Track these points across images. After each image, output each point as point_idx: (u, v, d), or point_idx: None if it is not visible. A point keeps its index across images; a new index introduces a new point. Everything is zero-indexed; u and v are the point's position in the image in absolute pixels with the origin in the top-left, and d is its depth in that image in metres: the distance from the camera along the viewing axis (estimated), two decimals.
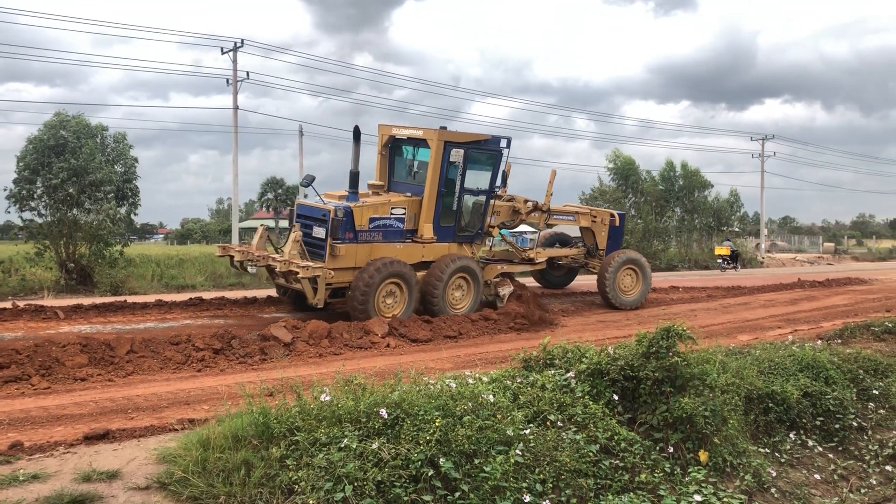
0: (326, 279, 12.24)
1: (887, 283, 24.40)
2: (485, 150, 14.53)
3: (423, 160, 14.35)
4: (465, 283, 14.03)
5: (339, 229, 12.75)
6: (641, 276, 16.87)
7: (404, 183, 14.69)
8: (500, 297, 14.78)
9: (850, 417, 8.94)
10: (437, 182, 13.80)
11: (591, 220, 17.45)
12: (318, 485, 4.98)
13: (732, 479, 7.11)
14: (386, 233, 13.55)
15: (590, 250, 17.70)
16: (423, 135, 13.99)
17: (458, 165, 14.05)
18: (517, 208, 16.01)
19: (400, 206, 13.73)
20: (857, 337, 12.44)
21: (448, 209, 14.21)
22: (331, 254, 12.66)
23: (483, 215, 14.87)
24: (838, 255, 53.08)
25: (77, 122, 23.03)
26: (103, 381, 8.85)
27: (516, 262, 16.44)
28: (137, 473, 5.26)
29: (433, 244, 14.02)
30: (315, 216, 13.16)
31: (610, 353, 7.57)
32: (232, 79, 29.45)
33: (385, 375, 7.62)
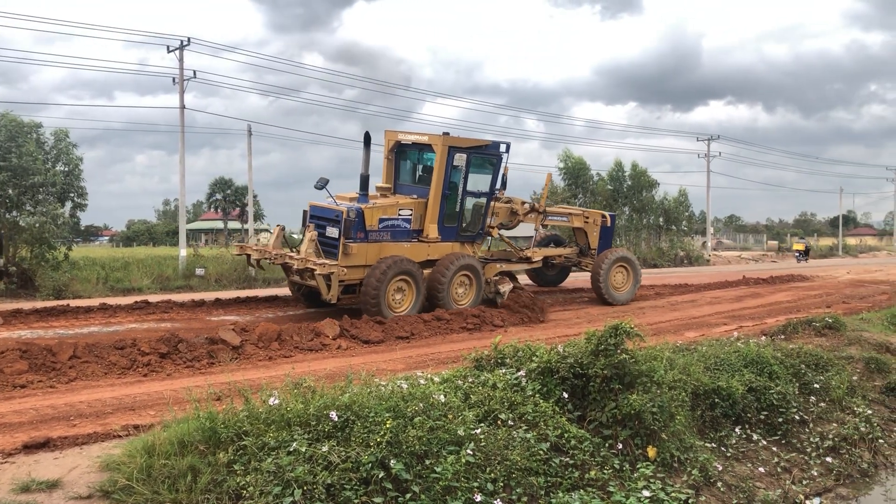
0: (339, 276, 12.93)
1: (828, 280, 25.10)
2: (485, 155, 15.38)
3: (427, 164, 15.24)
4: (467, 281, 14.74)
5: (352, 229, 13.47)
6: (632, 273, 17.75)
7: (409, 185, 15.51)
8: (500, 294, 15.33)
9: (792, 411, 9.17)
10: (441, 185, 14.57)
11: (583, 221, 18.29)
12: (267, 489, 4.92)
13: (680, 474, 7.24)
14: (394, 233, 14.28)
15: (582, 249, 18.52)
16: (429, 140, 14.81)
17: (461, 169, 14.86)
18: (515, 209, 16.71)
19: (407, 208, 14.49)
20: (799, 332, 12.77)
21: (451, 210, 14.98)
22: (344, 252, 13.32)
23: (483, 216, 15.65)
24: (782, 253, 54.41)
25: (8, 121, 22.27)
26: (44, 387, 8.59)
27: (514, 261, 17.13)
28: (79, 482, 5.12)
29: (438, 243, 14.78)
30: (328, 217, 13.83)
31: (560, 351, 7.64)
32: (178, 78, 28.90)
33: (336, 378, 7.56)
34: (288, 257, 13.46)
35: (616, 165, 41.73)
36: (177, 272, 25.81)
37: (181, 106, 28.75)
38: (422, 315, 13.33)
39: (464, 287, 14.71)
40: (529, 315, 14.62)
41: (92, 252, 36.41)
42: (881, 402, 10.65)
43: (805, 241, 51.50)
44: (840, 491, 8.45)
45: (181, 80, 28.74)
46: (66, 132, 23.37)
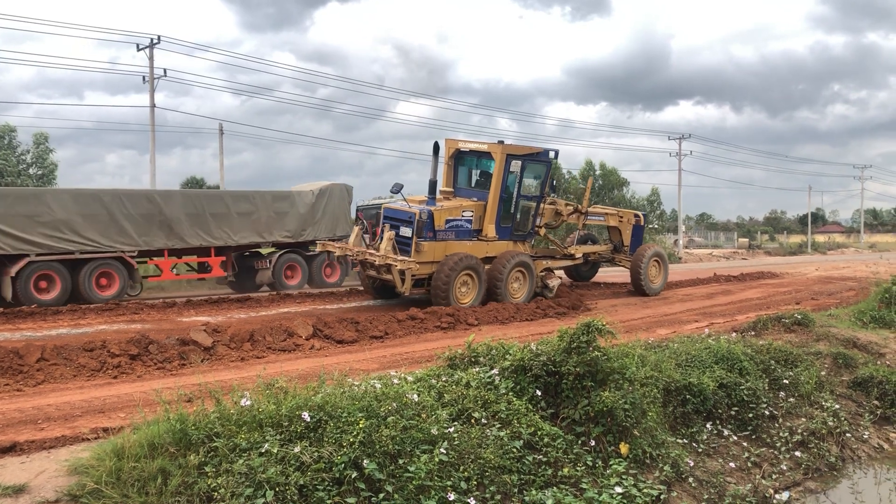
0: (413, 272, 14.35)
1: (797, 277, 25.46)
2: (537, 161, 16.70)
3: (484, 169, 16.60)
4: (521, 276, 16.05)
5: (423, 229, 14.89)
6: (663, 266, 19.44)
7: (467, 189, 16.83)
8: (548, 289, 16.69)
9: (762, 406, 9.28)
10: (499, 189, 15.93)
11: (618, 220, 19.87)
12: (239, 491, 4.89)
13: (652, 469, 7.30)
14: (458, 232, 15.70)
15: (616, 246, 20.06)
16: (488, 148, 16.20)
17: (516, 174, 16.22)
18: (559, 210, 18.15)
19: (469, 210, 15.92)
20: (769, 329, 12.93)
21: (507, 212, 16.34)
22: (416, 250, 14.76)
23: (534, 217, 17.11)
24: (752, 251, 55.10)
25: None
26: (11, 391, 8.45)
27: (558, 257, 18.39)
28: (47, 486, 5.04)
29: (495, 242, 16.16)
30: (402, 218, 15.28)
31: (533, 349, 7.67)
32: (148, 76, 28.61)
33: (308, 378, 7.53)
34: (368, 254, 14.87)
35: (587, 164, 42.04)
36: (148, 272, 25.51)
37: (151, 105, 28.48)
38: (395, 314, 13.35)
39: (518, 282, 15.97)
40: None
41: None
42: (848, 397, 10.83)
43: None
44: (809, 485, 8.58)
45: (151, 79, 28.49)
46: (45, 136, 23.15)
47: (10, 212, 16.06)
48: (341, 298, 16.52)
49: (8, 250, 15.93)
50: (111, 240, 17.37)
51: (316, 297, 16.49)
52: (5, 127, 22.81)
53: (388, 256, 14.41)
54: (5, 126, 22.84)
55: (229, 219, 19.35)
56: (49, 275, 16.38)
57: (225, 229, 19.24)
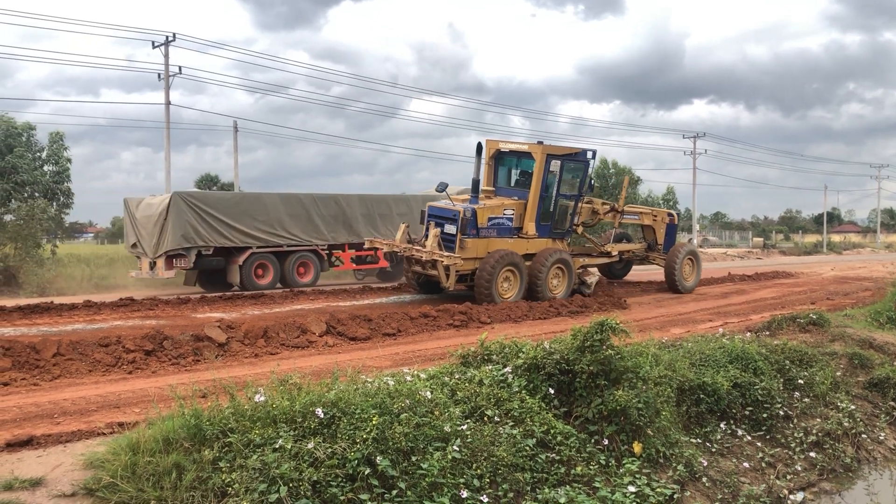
0: (457, 267, 14.98)
1: (812, 277, 25.29)
2: (576, 161, 17.12)
3: (524, 169, 17.16)
4: (560, 273, 16.58)
5: (467, 226, 15.46)
6: (696, 264, 19.98)
7: (507, 188, 17.37)
8: (587, 285, 17.29)
9: (777, 407, 9.22)
10: (539, 188, 16.41)
11: (652, 219, 20.34)
12: (253, 486, 4.91)
13: (665, 469, 7.27)
14: (500, 230, 16.21)
15: (650, 245, 20.47)
16: (528, 149, 16.79)
17: (556, 174, 16.63)
18: (596, 209, 18.64)
19: (510, 208, 16.44)
20: (783, 328, 12.84)
21: (546, 210, 16.81)
22: (460, 246, 15.29)
23: (572, 216, 17.56)
24: (767, 250, 54.75)
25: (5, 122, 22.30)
26: (28, 385, 8.53)
27: (595, 255, 18.76)
28: (63, 480, 5.09)
29: (535, 239, 16.66)
30: (447, 216, 15.80)
31: (546, 347, 7.65)
32: (164, 73, 28.74)
33: (322, 374, 7.54)
34: (415, 251, 15.42)
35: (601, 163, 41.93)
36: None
37: (167, 102, 28.61)
38: (408, 312, 13.37)
39: (557, 278, 16.52)
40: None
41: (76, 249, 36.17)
42: (864, 398, 10.74)
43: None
44: (823, 485, 8.52)
45: (167, 76, 28.61)
46: (61, 135, 23.40)
47: (238, 211, 19.95)
48: (354, 296, 16.56)
49: (237, 243, 19.77)
50: (309, 235, 21.10)
51: (329, 295, 16.55)
52: (24, 125, 23.12)
53: (434, 252, 14.99)
54: (25, 124, 23.15)
55: (391, 218, 22.53)
56: (265, 264, 20.20)
57: (388, 227, 22.22)
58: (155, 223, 19.59)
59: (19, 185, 22.00)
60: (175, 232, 18.98)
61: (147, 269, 20.12)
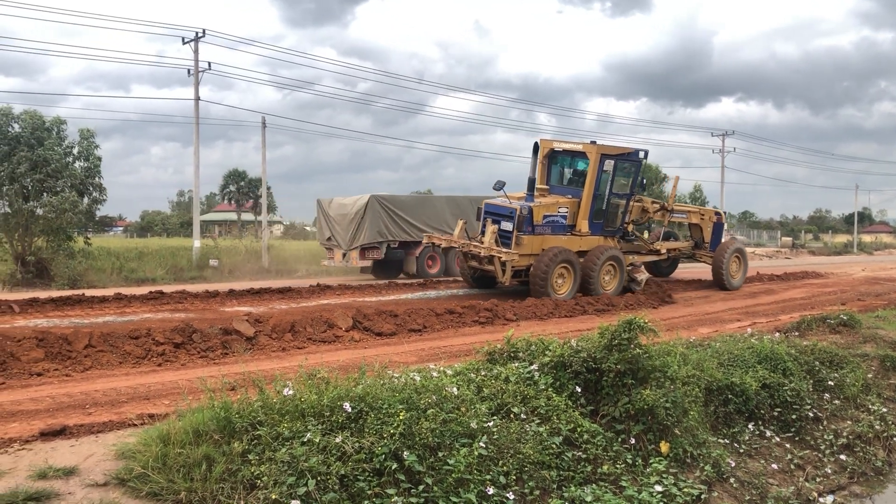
0: (513, 263, 15.50)
1: (842, 277, 24.92)
2: (628, 161, 17.55)
3: (577, 168, 17.66)
4: (612, 269, 16.96)
5: (523, 224, 15.90)
6: (743, 262, 20.28)
7: (560, 187, 17.80)
8: (636, 282, 17.63)
9: (806, 408, 9.12)
10: (593, 186, 16.87)
11: (699, 218, 20.63)
12: (281, 479, 4.95)
13: (693, 469, 7.22)
14: (554, 227, 16.72)
15: (697, 243, 20.79)
16: (583, 148, 17.19)
17: (609, 173, 17.08)
18: (646, 208, 18.96)
19: (564, 206, 16.92)
20: (813, 329, 12.68)
21: (599, 208, 17.27)
22: (516, 243, 15.80)
23: (623, 214, 18.01)
24: (795, 250, 54.06)
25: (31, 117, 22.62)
26: (60, 375, 8.66)
27: (644, 252, 19.01)
28: (95, 470, 5.16)
29: (588, 237, 17.10)
30: (503, 213, 16.23)
31: (573, 345, 7.62)
32: (193, 69, 29.00)
33: (349, 369, 7.57)
34: (473, 246, 16.08)
35: None
36: (191, 263, 26.01)
37: (196, 97, 28.87)
38: (434, 308, 13.38)
39: (609, 275, 16.89)
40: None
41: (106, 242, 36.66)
42: None
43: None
44: (854, 489, 8.41)
45: (196, 72, 28.87)
46: (92, 132, 23.72)
47: (416, 211, 23.63)
48: (380, 291, 16.62)
49: (416, 238, 22.76)
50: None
51: (355, 290, 16.62)
52: (55, 120, 23.46)
53: (492, 248, 15.57)
54: (55, 119, 23.50)
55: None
56: (434, 256, 23.62)
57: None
58: (350, 220, 23.47)
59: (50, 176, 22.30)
60: (371, 228, 22.83)
61: (339, 259, 24.23)
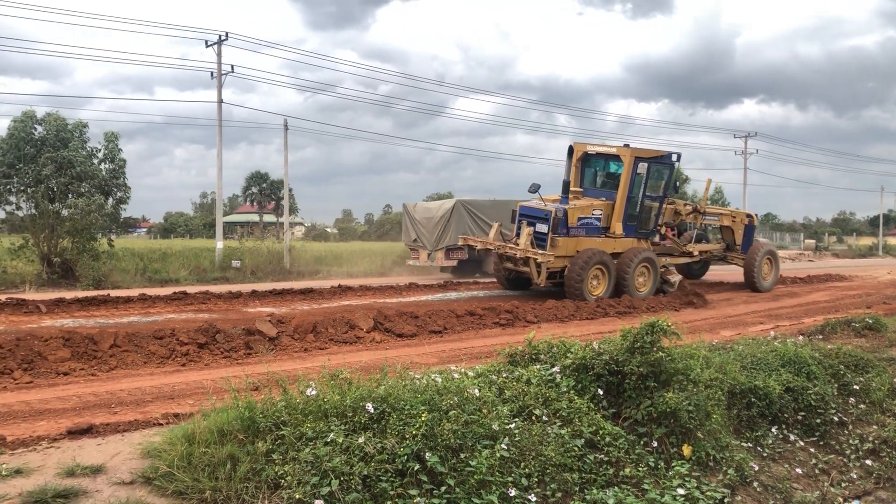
0: (548, 265, 15.77)
1: (867, 280, 24.64)
2: (661, 164, 17.85)
3: (610, 171, 17.97)
4: (646, 271, 17.21)
5: (558, 226, 16.23)
6: (775, 264, 20.57)
7: (593, 189, 18.12)
8: (670, 284, 17.88)
9: (831, 412, 9.02)
10: (626, 189, 17.14)
11: (731, 220, 20.88)
12: (305, 479, 4.98)
13: (715, 473, 7.18)
14: (588, 229, 16.99)
15: (728, 245, 21.01)
16: (617, 152, 17.49)
17: (642, 176, 17.33)
18: (678, 210, 19.20)
19: (598, 208, 17.23)
20: (837, 333, 12.55)
21: (633, 211, 17.52)
22: (551, 245, 16.10)
23: (656, 216, 18.24)
24: (819, 252, 53.45)
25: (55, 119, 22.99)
26: (86, 375, 8.79)
27: (676, 254, 19.21)
28: (122, 468, 5.23)
29: (622, 239, 17.34)
30: (538, 216, 16.58)
31: (595, 348, 7.60)
32: (216, 72, 29.23)
33: (370, 370, 7.60)
34: (508, 248, 16.42)
35: None
36: (213, 264, 26.21)
37: (219, 100, 29.11)
38: (454, 310, 13.40)
39: (643, 276, 17.15)
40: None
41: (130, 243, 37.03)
42: None
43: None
44: (880, 494, 8.31)
45: (219, 75, 29.11)
46: (116, 135, 24.10)
47: (494, 214, 23.29)
48: (401, 292, 16.68)
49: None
50: None
51: (376, 291, 16.67)
52: (77, 123, 23.91)
53: (528, 250, 15.87)
54: (77, 122, 23.95)
55: None
56: None
57: None
58: (436, 223, 24.69)
59: (76, 178, 22.64)
60: (457, 230, 23.47)
61: (424, 259, 25.40)
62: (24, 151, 22.15)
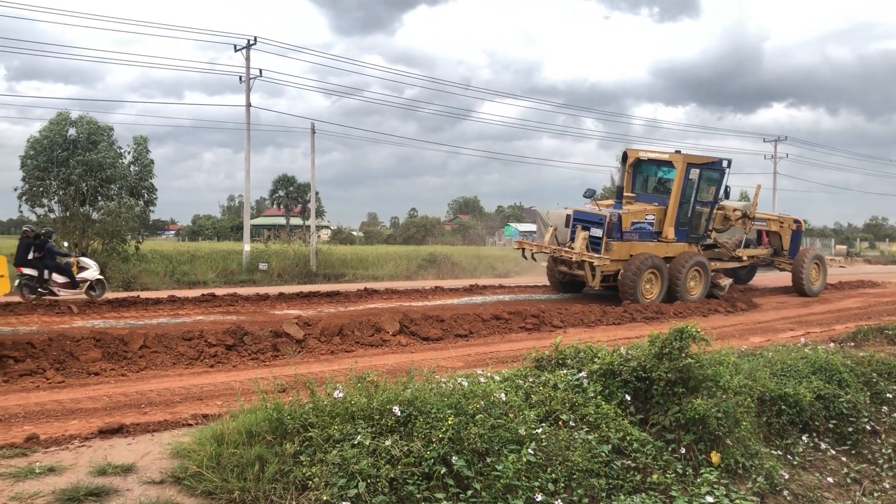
0: (603, 268, 16.13)
1: None
2: (713, 170, 18.13)
3: (662, 177, 18.29)
4: (697, 275, 17.58)
5: (613, 230, 16.54)
6: (822, 269, 20.84)
7: (645, 194, 18.39)
8: (720, 287, 18.08)
9: (863, 421, 8.87)
10: (679, 194, 17.47)
11: (779, 226, 21.08)
12: (332, 481, 5.00)
13: (744, 480, 7.09)
14: (641, 233, 17.35)
15: (776, 250, 21.15)
16: (669, 158, 17.73)
17: (694, 181, 17.64)
18: (728, 215, 19.33)
19: (651, 213, 17.59)
20: (870, 340, 12.35)
21: (685, 216, 17.83)
22: (606, 249, 16.41)
23: (707, 221, 18.52)
24: (850, 258, 52.64)
25: (87, 122, 23.43)
26: (117, 375, 8.90)
27: (725, 259, 19.53)
28: (152, 467, 5.29)
29: (674, 243, 17.69)
30: (593, 220, 16.94)
31: (622, 353, 7.55)
32: (245, 76, 29.49)
33: (397, 373, 7.62)
34: (564, 252, 16.77)
35: None
36: (241, 266, 26.39)
37: (247, 103, 29.35)
38: (480, 314, 13.39)
39: (695, 280, 17.50)
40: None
41: (159, 246, 37.45)
42: None
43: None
44: None
45: (247, 78, 29.35)
46: (145, 138, 24.53)
47: None
48: (426, 296, 16.68)
49: None
50: None
51: (402, 294, 16.70)
52: (106, 126, 24.47)
53: (584, 254, 16.23)
54: (106, 126, 24.51)
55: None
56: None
57: None
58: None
59: (105, 181, 23.01)
60: None
61: None
62: (56, 154, 22.55)
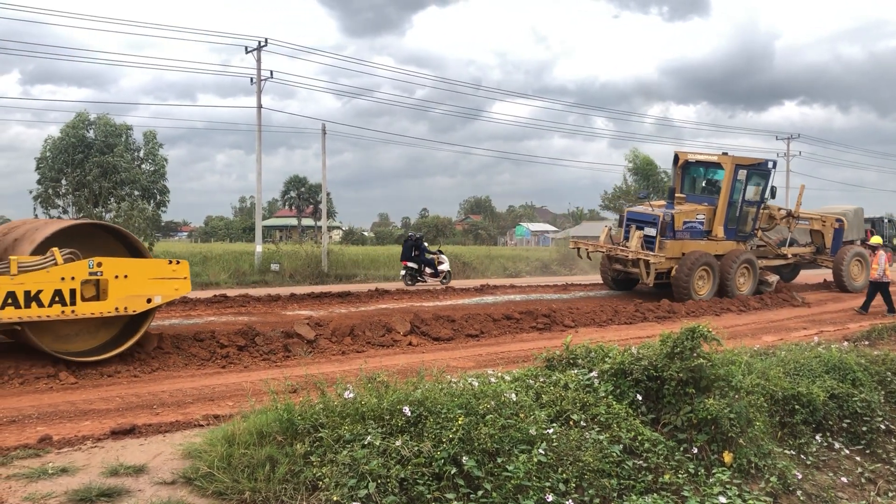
0: (657, 266, 16.69)
1: None
2: (759, 170, 18.77)
3: (710, 178, 18.95)
4: (746, 272, 18.19)
5: (666, 229, 17.13)
6: (865, 266, 20.98)
7: (694, 195, 19.01)
8: (767, 284, 18.72)
9: (877, 420, 8.80)
10: (728, 194, 18.08)
11: (821, 224, 21.44)
12: (342, 481, 5.00)
13: (757, 480, 7.04)
14: (692, 233, 17.94)
15: (819, 249, 21.57)
16: (718, 159, 18.44)
17: (742, 182, 18.28)
18: (773, 215, 19.93)
19: (701, 213, 18.21)
20: (884, 339, 12.27)
21: (733, 215, 18.43)
22: (660, 247, 16.94)
23: (754, 220, 19.14)
24: None
25: (104, 123, 23.56)
26: (129, 376, 8.94)
27: (771, 257, 20.08)
28: (163, 468, 5.32)
29: (723, 242, 18.28)
30: (647, 220, 17.61)
31: (633, 353, 7.52)
32: (256, 78, 29.59)
33: (407, 373, 7.63)
34: (619, 250, 17.41)
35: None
36: (253, 267, 26.47)
37: (258, 105, 29.43)
38: (491, 313, 13.38)
39: (744, 277, 18.10)
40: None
41: (172, 247, 37.62)
42: None
43: None
44: None
45: (258, 80, 29.43)
46: (154, 133, 24.62)
47: None
48: (437, 296, 16.68)
49: None
50: None
51: (413, 294, 16.71)
52: (122, 126, 24.49)
53: (639, 252, 16.79)
54: (122, 125, 24.54)
55: None
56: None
57: None
58: None
59: (118, 184, 23.14)
60: None
61: None
62: (72, 156, 22.71)
